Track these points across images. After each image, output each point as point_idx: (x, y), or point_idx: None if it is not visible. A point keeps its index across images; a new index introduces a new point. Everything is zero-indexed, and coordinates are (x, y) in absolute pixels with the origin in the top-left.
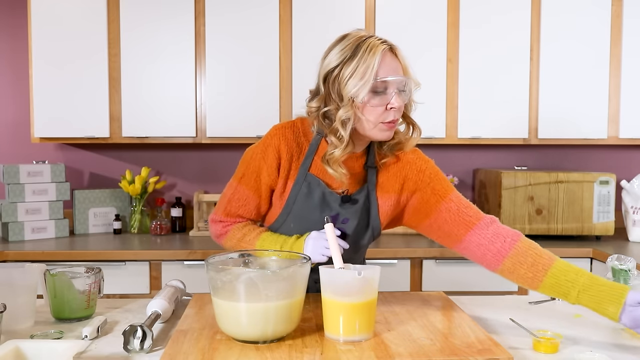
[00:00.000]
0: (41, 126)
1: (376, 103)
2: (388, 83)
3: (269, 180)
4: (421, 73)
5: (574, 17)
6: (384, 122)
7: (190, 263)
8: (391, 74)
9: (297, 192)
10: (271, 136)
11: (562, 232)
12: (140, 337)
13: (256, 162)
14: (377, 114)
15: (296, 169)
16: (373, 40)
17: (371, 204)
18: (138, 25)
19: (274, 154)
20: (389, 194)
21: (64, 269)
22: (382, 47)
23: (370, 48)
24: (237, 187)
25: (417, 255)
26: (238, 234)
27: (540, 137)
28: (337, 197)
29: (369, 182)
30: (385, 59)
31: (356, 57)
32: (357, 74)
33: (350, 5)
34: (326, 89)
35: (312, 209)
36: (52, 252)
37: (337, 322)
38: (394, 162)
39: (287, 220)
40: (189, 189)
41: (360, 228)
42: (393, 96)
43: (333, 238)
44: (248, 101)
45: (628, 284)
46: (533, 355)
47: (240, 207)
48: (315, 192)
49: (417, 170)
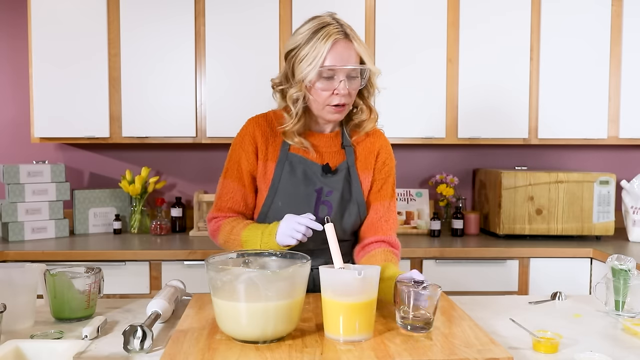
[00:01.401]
0: (41, 126)
1: (323, 87)
2: (335, 70)
3: (248, 166)
4: (421, 73)
5: (574, 17)
6: (331, 105)
7: (190, 263)
8: (339, 63)
9: (281, 170)
10: (245, 126)
11: (562, 232)
12: (140, 337)
13: (236, 153)
14: (324, 97)
15: (274, 150)
16: (330, 28)
17: (352, 178)
18: (138, 25)
19: (250, 139)
20: (368, 170)
21: (64, 269)
22: (335, 37)
23: (324, 36)
24: (223, 182)
25: (417, 255)
26: (227, 227)
27: (540, 137)
28: (318, 167)
29: (347, 158)
30: (336, 47)
31: (310, 42)
32: (307, 58)
33: (350, 5)
34: (286, 66)
35: (296, 185)
36: (52, 252)
37: (337, 322)
38: (367, 139)
39: (275, 199)
40: (189, 189)
41: (345, 201)
42: (340, 83)
43: (333, 238)
44: (248, 101)
45: (628, 284)
46: (533, 355)
47: (228, 200)
48: (298, 169)
49: (382, 162)
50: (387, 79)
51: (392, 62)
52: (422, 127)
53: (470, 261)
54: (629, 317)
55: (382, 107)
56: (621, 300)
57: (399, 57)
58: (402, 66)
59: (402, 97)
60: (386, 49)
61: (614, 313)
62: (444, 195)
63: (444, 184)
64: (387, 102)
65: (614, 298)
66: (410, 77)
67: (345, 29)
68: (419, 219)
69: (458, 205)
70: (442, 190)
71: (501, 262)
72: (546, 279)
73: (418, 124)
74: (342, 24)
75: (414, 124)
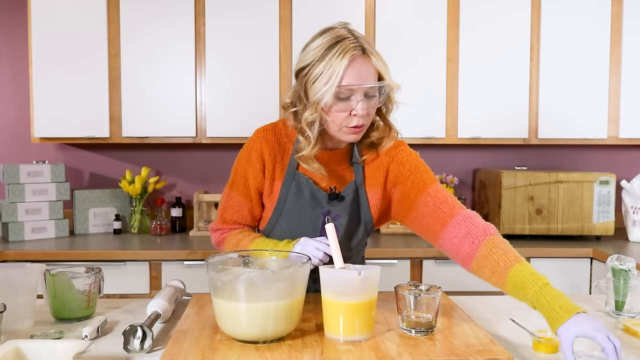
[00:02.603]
0: (41, 126)
1: (340, 108)
2: (353, 90)
3: (255, 183)
4: (421, 73)
5: (574, 17)
6: (348, 127)
7: (190, 263)
8: (357, 81)
9: (287, 191)
10: (253, 140)
11: (562, 232)
12: (140, 337)
13: (242, 167)
14: (341, 119)
15: (281, 169)
16: (346, 43)
17: (360, 198)
18: (138, 25)
19: (257, 156)
20: (376, 187)
21: (64, 269)
22: (352, 53)
23: (339, 52)
24: (229, 194)
25: (417, 255)
26: (234, 239)
27: (540, 137)
28: (325, 195)
29: (356, 178)
30: (353, 64)
31: (325, 59)
32: (322, 78)
33: (350, 5)
34: (297, 84)
35: (302, 207)
36: (52, 252)
37: (337, 322)
38: (377, 155)
39: (280, 220)
40: (189, 189)
41: (352, 224)
42: (358, 103)
43: (334, 238)
44: (248, 101)
45: (628, 284)
46: (533, 355)
47: (234, 214)
48: (305, 191)
49: (398, 162)
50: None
51: (392, 62)
52: (422, 127)
53: None
54: (629, 317)
55: None
56: (621, 300)
57: (399, 57)
58: (402, 66)
59: (402, 96)
60: (386, 49)
61: (614, 313)
62: None
63: (444, 184)
64: None
65: (614, 298)
66: (410, 77)
67: (362, 43)
68: None
69: None
70: None
71: None
72: None
73: (418, 124)
74: (357, 37)
75: (414, 124)
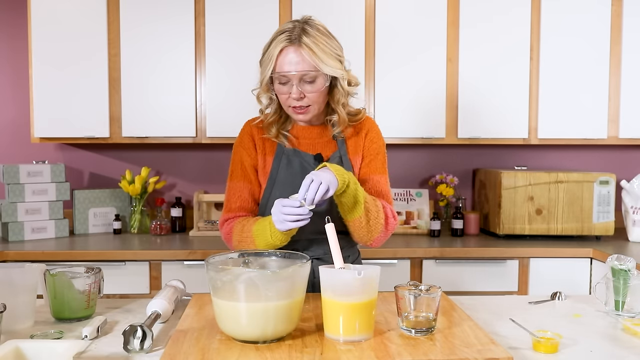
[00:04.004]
0: (41, 126)
1: (281, 91)
2: (287, 76)
3: (250, 160)
4: (421, 72)
5: (574, 16)
6: (291, 107)
7: (190, 263)
8: (287, 68)
9: (279, 163)
10: (243, 128)
11: (562, 232)
12: (140, 337)
13: (237, 154)
14: (283, 99)
15: (272, 145)
16: (281, 36)
17: (345, 166)
18: (138, 26)
19: (248, 137)
20: (358, 153)
21: (64, 269)
22: (282, 45)
23: (275, 43)
24: (230, 184)
25: (417, 255)
26: (239, 226)
27: (540, 137)
28: (311, 157)
29: (339, 148)
30: (286, 53)
31: (268, 48)
32: (263, 64)
33: (350, 5)
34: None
35: (293, 176)
36: (52, 252)
37: (337, 322)
38: (354, 131)
39: (273, 190)
40: (189, 189)
41: None
42: (292, 87)
43: (334, 238)
44: (248, 101)
45: (628, 284)
46: (533, 355)
47: (237, 200)
48: (294, 161)
49: (370, 140)
50: (387, 78)
51: (392, 61)
52: (422, 127)
53: (470, 261)
54: (629, 317)
55: (382, 106)
56: (621, 300)
57: (398, 56)
58: (402, 65)
59: (402, 96)
60: (386, 48)
61: (614, 313)
62: (444, 195)
63: (443, 184)
64: (387, 102)
65: (614, 298)
66: (410, 77)
67: (300, 35)
68: (418, 219)
69: (458, 205)
70: (442, 190)
71: (501, 262)
72: (546, 279)
73: (418, 123)
74: (299, 28)
75: (414, 124)
